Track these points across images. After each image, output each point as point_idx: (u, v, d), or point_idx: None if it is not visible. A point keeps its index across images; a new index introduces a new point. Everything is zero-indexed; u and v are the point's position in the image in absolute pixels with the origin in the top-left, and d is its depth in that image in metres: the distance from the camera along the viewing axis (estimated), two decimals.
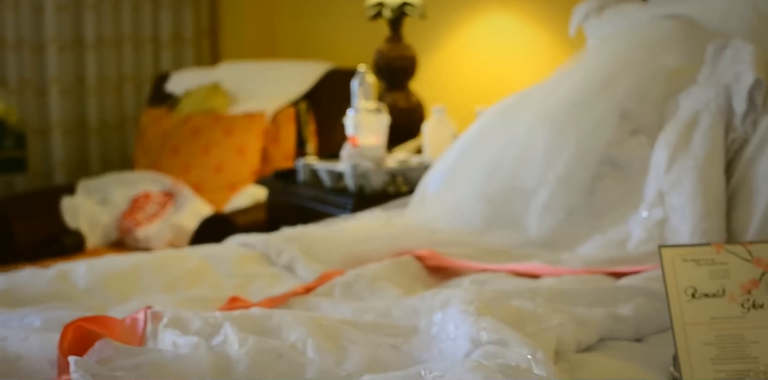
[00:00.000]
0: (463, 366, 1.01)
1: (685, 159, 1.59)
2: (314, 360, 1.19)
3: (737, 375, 1.19)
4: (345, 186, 2.28)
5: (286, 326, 1.30)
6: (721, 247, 1.27)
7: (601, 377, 1.18)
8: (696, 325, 1.23)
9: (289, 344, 1.25)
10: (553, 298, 1.40)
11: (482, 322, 1.17)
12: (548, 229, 1.74)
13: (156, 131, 3.21)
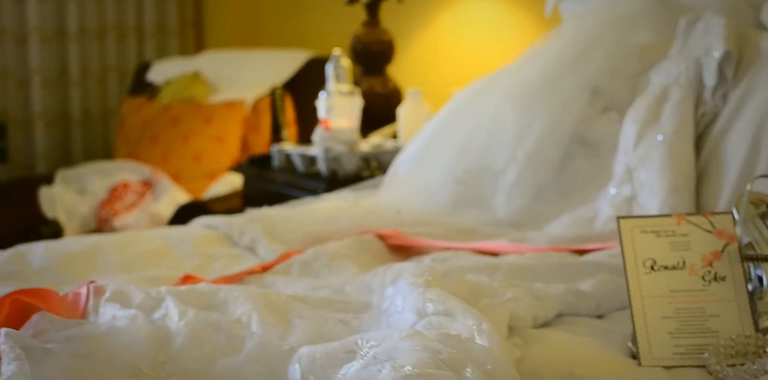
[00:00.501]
0: (399, 335, 0.97)
1: (654, 134, 1.55)
2: (255, 334, 1.15)
3: (697, 349, 1.15)
4: (318, 171, 2.23)
5: (232, 300, 1.26)
6: (682, 218, 1.22)
7: (555, 352, 1.13)
8: (654, 298, 1.18)
9: (234, 318, 1.22)
10: (512, 274, 1.36)
11: (429, 294, 1.12)
12: (516, 208, 1.69)
13: (135, 121, 3.17)
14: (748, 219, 1.25)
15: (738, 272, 1.20)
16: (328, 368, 1.00)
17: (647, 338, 1.16)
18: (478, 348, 0.98)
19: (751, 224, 1.24)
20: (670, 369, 1.13)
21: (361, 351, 0.99)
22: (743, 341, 1.14)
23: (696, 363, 1.14)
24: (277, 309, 1.24)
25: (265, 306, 1.24)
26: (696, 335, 1.16)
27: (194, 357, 1.11)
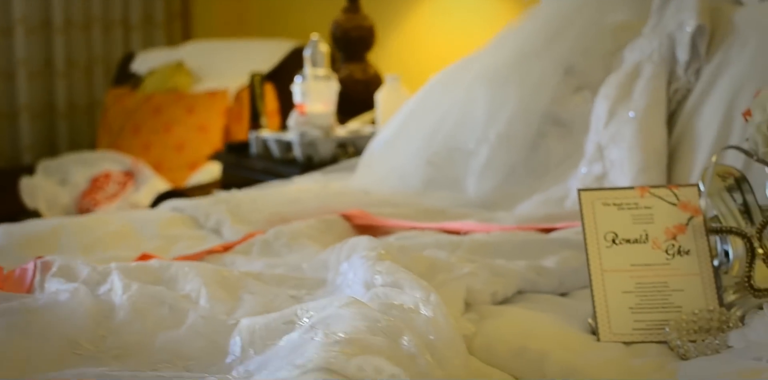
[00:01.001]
0: (338, 303, 0.93)
1: (625, 111, 1.50)
2: (199, 307, 1.11)
3: (658, 324, 1.11)
4: (294, 157, 2.20)
5: (182, 276, 1.22)
6: (645, 190, 1.18)
7: (510, 327, 1.09)
8: (615, 272, 1.14)
9: (183, 294, 1.18)
10: (474, 251, 1.32)
11: (378, 266, 1.08)
12: (487, 189, 1.65)
13: (118, 111, 3.14)
14: (714, 192, 1.21)
15: (703, 246, 1.16)
16: (267, 339, 0.96)
17: (607, 313, 1.11)
18: (421, 319, 0.94)
19: (718, 198, 1.20)
20: (629, 344, 1.09)
21: (300, 321, 0.96)
22: (706, 316, 1.10)
23: (657, 338, 1.10)
24: (228, 285, 1.21)
25: (215, 282, 1.20)
26: (658, 310, 1.12)
27: (135, 330, 1.08)
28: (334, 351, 0.75)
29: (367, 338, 0.81)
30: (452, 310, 1.11)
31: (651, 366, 1.00)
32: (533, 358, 0.99)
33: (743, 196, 1.20)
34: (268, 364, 0.84)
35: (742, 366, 0.97)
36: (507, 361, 1.01)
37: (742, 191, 1.21)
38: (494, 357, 1.03)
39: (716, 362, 1.00)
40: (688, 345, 1.05)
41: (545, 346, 1.01)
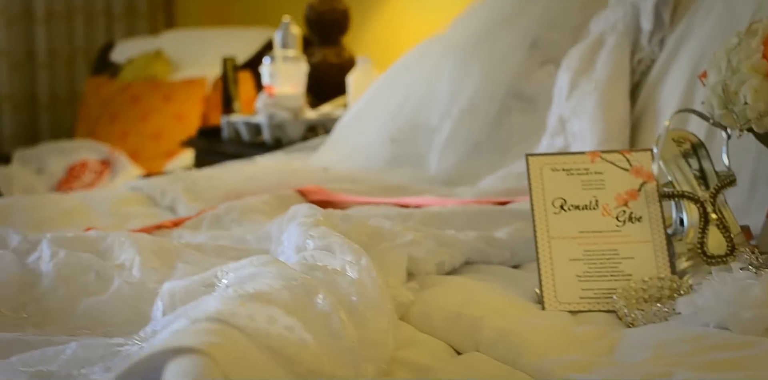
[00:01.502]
0: (256, 262, 0.89)
1: (587, 82, 1.46)
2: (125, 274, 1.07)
3: (607, 293, 1.06)
4: (264, 140, 2.15)
5: (118, 246, 1.18)
6: (596, 155, 1.14)
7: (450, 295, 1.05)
8: (562, 240, 1.09)
9: (117, 263, 1.14)
10: (425, 222, 1.27)
11: (312, 231, 1.04)
12: (449, 165, 1.61)
13: (95, 100, 3.10)
14: (670, 158, 1.16)
15: (655, 213, 1.11)
16: (186, 302, 0.91)
17: (552, 281, 1.07)
18: (345, 280, 0.89)
19: (673, 164, 1.16)
20: (576, 313, 1.04)
21: (219, 283, 0.91)
22: (657, 284, 1.05)
23: (606, 307, 1.05)
24: (164, 255, 1.17)
25: (150, 252, 1.16)
26: (606, 278, 1.07)
27: (59, 297, 1.04)
28: (230, 303, 0.70)
29: (273, 292, 0.76)
30: (393, 278, 1.07)
31: (593, 334, 0.95)
32: (467, 325, 0.95)
33: (699, 162, 1.15)
34: (172, 323, 0.79)
35: (686, 331, 0.92)
36: (442, 328, 0.97)
37: (699, 158, 1.16)
38: (430, 325, 0.98)
39: (661, 328, 0.95)
40: (635, 313, 1.01)
41: (481, 313, 0.96)
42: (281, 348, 0.67)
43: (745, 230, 1.11)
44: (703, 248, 1.08)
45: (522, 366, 0.85)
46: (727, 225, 1.09)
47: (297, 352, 0.68)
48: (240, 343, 0.65)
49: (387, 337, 0.86)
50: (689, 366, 0.80)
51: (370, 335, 0.83)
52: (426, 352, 0.91)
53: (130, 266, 1.13)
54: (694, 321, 0.95)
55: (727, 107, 1.10)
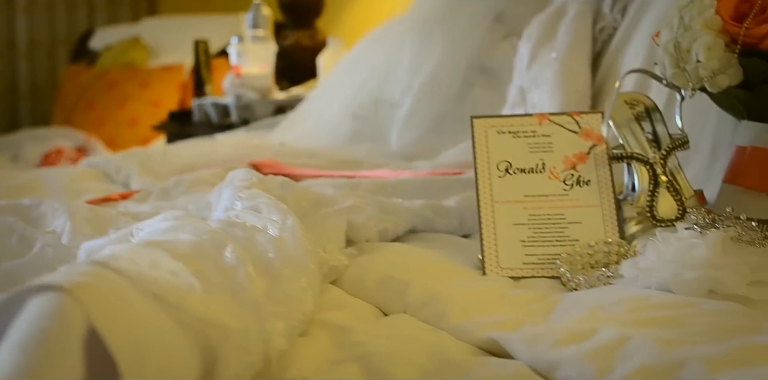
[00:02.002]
0: (171, 216, 0.85)
1: (548, 52, 1.41)
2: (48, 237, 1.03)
3: (552, 259, 1.01)
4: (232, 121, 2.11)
5: (51, 213, 1.14)
6: (544, 118, 1.09)
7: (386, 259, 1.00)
8: (506, 203, 1.05)
9: (49, 229, 1.10)
10: (373, 191, 1.23)
11: (242, 192, 1.00)
12: (410, 140, 1.57)
13: (72, 87, 3.06)
14: (623, 122, 1.11)
15: (604, 176, 1.06)
16: None
17: (495, 246, 1.02)
18: (264, 237, 0.85)
19: (626, 127, 1.11)
20: (518, 279, 1.00)
21: (134, 239, 0.87)
22: (603, 248, 1.01)
23: (550, 273, 1.01)
24: (98, 222, 1.13)
25: (84, 219, 1.12)
26: (552, 243, 1.03)
27: None
28: (119, 249, 0.66)
29: (171, 241, 0.72)
30: (330, 244, 1.02)
31: (530, 297, 0.90)
32: (397, 287, 0.90)
33: (653, 125, 1.11)
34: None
35: (626, 293, 0.87)
36: (372, 291, 0.92)
37: (652, 121, 1.11)
38: (361, 288, 0.94)
39: (602, 291, 0.90)
40: (578, 278, 0.96)
41: (412, 276, 0.92)
42: (166, 294, 0.62)
43: (699, 194, 1.06)
44: (653, 212, 1.03)
45: (446, 327, 0.81)
46: (678, 188, 1.04)
47: (183, 299, 0.63)
48: (117, 287, 0.60)
49: (305, 296, 0.81)
50: (618, 322, 0.76)
51: (285, 292, 0.79)
52: (351, 314, 0.86)
53: (60, 232, 1.09)
54: (637, 283, 0.90)
55: (679, 66, 1.06)
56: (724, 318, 0.78)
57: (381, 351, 0.74)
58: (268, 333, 0.72)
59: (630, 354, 0.68)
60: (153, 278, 0.63)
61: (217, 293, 0.68)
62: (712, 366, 0.65)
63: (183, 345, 0.61)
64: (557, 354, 0.70)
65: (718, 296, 0.85)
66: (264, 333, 0.71)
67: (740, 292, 0.85)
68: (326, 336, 0.81)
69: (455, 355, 0.73)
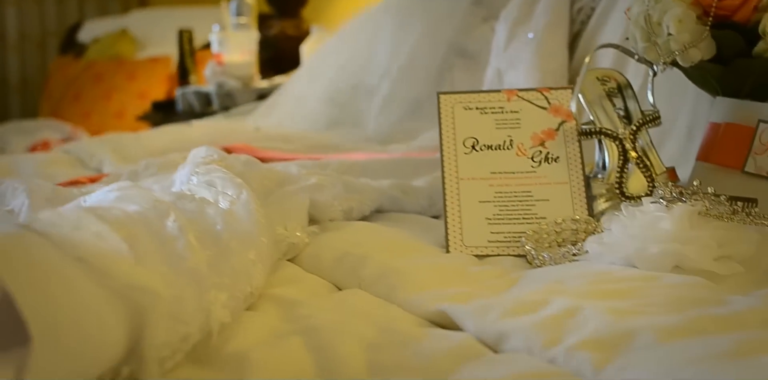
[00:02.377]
0: (118, 186, 0.82)
1: (525, 33, 1.38)
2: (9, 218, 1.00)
3: (518, 237, 0.98)
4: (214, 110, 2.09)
5: (11, 192, 1.12)
6: (513, 94, 1.07)
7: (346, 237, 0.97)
8: (472, 181, 1.02)
9: (8, 208, 1.08)
10: (342, 171, 1.20)
11: (199, 168, 0.97)
12: (389, 124, 1.54)
13: (59, 79, 3.04)
14: (594, 99, 1.09)
15: (574, 153, 1.04)
16: None
17: (459, 223, 0.99)
18: (213, 209, 0.82)
19: (597, 104, 1.08)
20: (483, 258, 0.97)
21: None
22: (571, 226, 0.98)
23: (516, 251, 0.98)
24: (59, 202, 1.10)
25: (44, 199, 1.10)
26: (518, 221, 1.00)
27: None
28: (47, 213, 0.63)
29: (106, 208, 0.69)
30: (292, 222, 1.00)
31: (491, 274, 0.88)
32: (352, 263, 0.88)
33: (624, 102, 1.08)
34: None
35: (589, 268, 0.85)
36: (329, 268, 0.90)
37: (624, 97, 1.09)
38: (318, 265, 0.91)
39: (566, 267, 0.88)
40: (543, 255, 0.93)
41: (368, 251, 0.89)
42: (90, 257, 0.60)
43: (671, 171, 1.03)
44: (621, 188, 1.00)
45: (397, 301, 0.78)
46: (648, 165, 1.02)
47: (109, 263, 0.61)
48: (37, 249, 0.58)
49: (253, 269, 0.79)
50: (573, 294, 0.73)
51: (232, 264, 0.76)
52: (304, 290, 0.84)
53: (18, 211, 1.07)
54: (601, 259, 0.88)
55: (650, 40, 1.03)
56: (685, 291, 0.75)
57: (327, 324, 0.71)
58: (208, 303, 0.70)
59: (581, 324, 0.66)
60: (77, 241, 0.60)
61: (150, 260, 0.66)
62: (664, 335, 0.62)
63: (106, 310, 0.58)
64: (506, 325, 0.67)
65: (684, 271, 0.83)
66: (204, 304, 0.69)
67: (706, 267, 0.83)
68: (275, 311, 0.78)
69: (402, 328, 0.71)
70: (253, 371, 0.65)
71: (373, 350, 0.68)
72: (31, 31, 3.47)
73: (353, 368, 0.66)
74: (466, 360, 0.64)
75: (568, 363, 0.61)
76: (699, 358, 0.57)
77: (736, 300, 0.73)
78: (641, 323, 0.64)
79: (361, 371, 0.65)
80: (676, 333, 0.62)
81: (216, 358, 0.68)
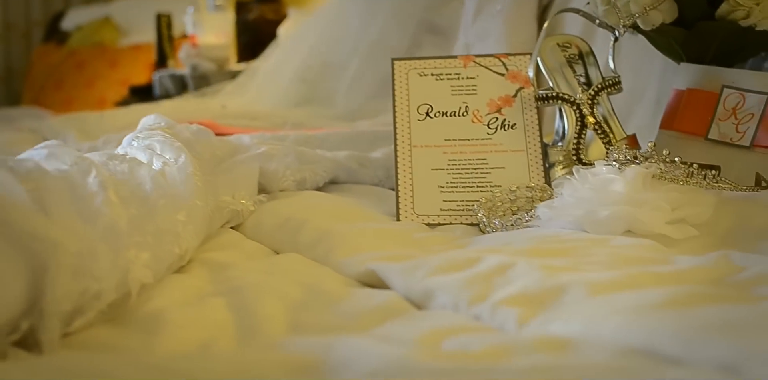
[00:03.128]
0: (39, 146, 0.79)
1: (492, 5, 1.35)
2: None
3: (471, 205, 0.95)
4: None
5: None
6: (469, 59, 1.03)
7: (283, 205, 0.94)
8: (425, 148, 0.99)
9: None
10: (300, 143, 1.17)
11: (142, 133, 0.94)
12: (358, 102, 1.51)
13: (41, 67, 3.01)
14: (555, 66, 1.05)
15: (531, 120, 1.00)
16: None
17: (411, 191, 0.96)
18: (144, 170, 0.79)
19: (557, 69, 1.05)
20: (435, 226, 0.94)
21: None
22: (526, 194, 0.95)
23: (469, 220, 0.95)
24: None
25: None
26: (473, 189, 0.97)
27: None
28: None
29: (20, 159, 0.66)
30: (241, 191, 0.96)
31: (438, 239, 0.84)
32: (292, 227, 0.84)
33: (586, 69, 1.05)
34: None
35: (537, 232, 0.82)
36: (270, 233, 0.86)
37: (585, 65, 1.05)
38: (260, 231, 0.88)
39: (516, 233, 0.84)
40: (494, 222, 0.90)
41: (310, 216, 0.86)
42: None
43: (631, 138, 1.00)
44: (579, 155, 0.97)
45: (331, 263, 0.75)
46: (606, 130, 0.98)
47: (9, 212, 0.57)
48: None
49: (183, 230, 0.75)
50: (508, 253, 0.70)
51: (157, 224, 0.73)
52: (240, 254, 0.81)
53: None
54: (552, 224, 0.84)
55: (610, 2, 1.00)
56: (631, 251, 0.72)
57: (252, 284, 0.68)
58: (127, 262, 0.66)
59: (510, 280, 0.63)
60: None
61: (61, 213, 0.62)
62: (594, 290, 0.59)
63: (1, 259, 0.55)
64: (432, 283, 0.64)
65: (637, 236, 0.79)
66: (122, 262, 0.66)
67: (659, 231, 0.79)
68: (205, 273, 0.75)
69: (328, 288, 0.67)
70: (167, 330, 0.62)
71: (296, 309, 0.64)
72: (16, 21, 3.45)
73: (274, 327, 0.62)
74: (389, 317, 0.61)
75: (492, 319, 0.58)
76: (626, 309, 0.54)
77: (683, 260, 0.69)
78: (573, 278, 0.61)
79: (282, 330, 0.62)
80: (609, 287, 0.59)
81: (131, 318, 0.65)
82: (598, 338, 0.50)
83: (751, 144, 0.96)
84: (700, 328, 0.47)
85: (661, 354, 0.47)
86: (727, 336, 0.46)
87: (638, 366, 0.44)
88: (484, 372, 0.43)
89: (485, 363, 0.45)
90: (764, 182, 0.88)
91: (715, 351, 0.45)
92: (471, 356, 0.48)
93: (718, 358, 0.45)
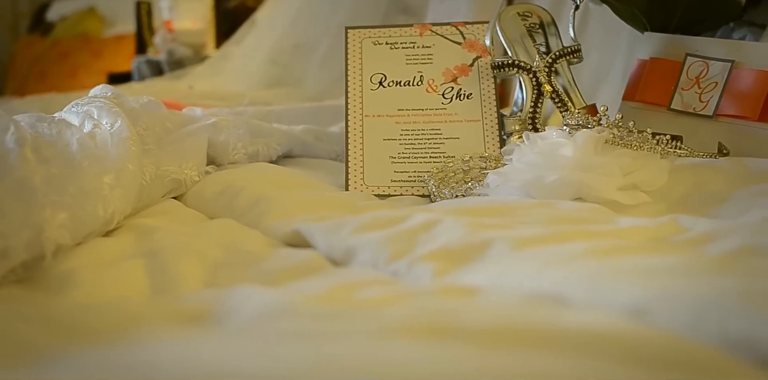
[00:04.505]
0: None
1: None
2: None
3: (422, 176, 0.92)
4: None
5: None
6: (426, 28, 1.00)
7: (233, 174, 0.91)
8: (377, 118, 0.96)
9: None
10: (258, 118, 1.14)
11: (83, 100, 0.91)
12: (327, 83, 1.48)
13: (25, 57, 2.99)
14: (515, 37, 1.02)
15: (488, 90, 0.97)
16: None
17: (361, 162, 0.93)
18: (72, 131, 0.77)
19: (518, 42, 1.02)
20: (386, 197, 0.91)
21: None
22: (479, 164, 0.92)
23: (421, 192, 0.91)
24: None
25: None
26: (426, 160, 0.94)
27: None
28: None
29: None
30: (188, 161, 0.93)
31: (380, 206, 0.81)
32: (230, 194, 0.81)
33: (546, 39, 1.02)
34: None
35: (485, 199, 0.78)
36: (209, 200, 0.84)
37: (546, 34, 1.02)
38: (200, 200, 0.85)
39: (461, 200, 0.81)
40: (443, 192, 0.87)
41: (250, 184, 0.83)
42: None
43: (590, 107, 0.97)
44: (535, 124, 0.94)
45: (261, 227, 0.72)
46: (564, 99, 0.95)
47: None
48: None
49: (110, 194, 0.72)
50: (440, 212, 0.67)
51: (81, 185, 0.70)
52: (173, 220, 0.78)
53: None
54: (501, 191, 0.81)
55: None
56: (572, 213, 0.68)
57: (172, 246, 0.65)
58: (41, 221, 0.63)
59: (434, 236, 0.60)
60: None
61: None
62: (519, 244, 0.56)
63: None
64: (354, 240, 0.61)
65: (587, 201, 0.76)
66: (34, 220, 0.63)
67: (610, 196, 0.76)
68: (131, 237, 0.72)
69: (250, 248, 0.64)
70: (77, 290, 0.59)
71: (214, 269, 0.62)
72: (3, 12, 3.43)
73: (189, 286, 0.60)
74: (305, 274, 0.58)
75: (408, 275, 0.55)
76: (544, 259, 0.51)
77: (625, 221, 0.66)
78: (499, 234, 0.58)
79: (196, 288, 0.59)
80: (531, 242, 0.56)
81: (42, 278, 0.62)
82: (508, 286, 0.47)
83: (714, 114, 0.93)
84: (611, 273, 0.44)
85: (570, 299, 0.43)
86: (638, 279, 0.43)
87: (538, 310, 0.41)
88: (368, 314, 0.40)
89: (373, 307, 0.42)
90: (725, 150, 0.85)
91: (623, 294, 0.42)
92: (362, 301, 0.45)
93: (626, 301, 0.42)
